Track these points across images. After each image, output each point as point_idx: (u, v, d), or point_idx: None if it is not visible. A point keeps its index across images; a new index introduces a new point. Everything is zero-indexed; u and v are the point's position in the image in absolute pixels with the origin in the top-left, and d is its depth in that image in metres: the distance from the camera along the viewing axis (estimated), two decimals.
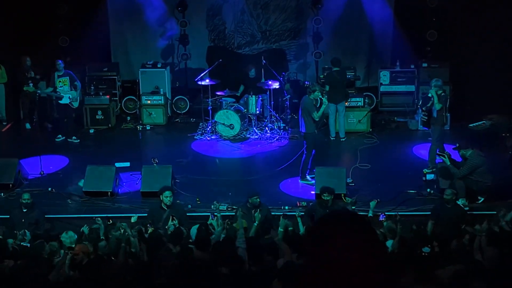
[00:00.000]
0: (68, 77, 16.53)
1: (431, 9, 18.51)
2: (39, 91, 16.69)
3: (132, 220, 11.34)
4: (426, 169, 14.04)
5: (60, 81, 16.45)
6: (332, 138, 16.63)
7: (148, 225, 11.04)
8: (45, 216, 12.16)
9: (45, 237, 10.97)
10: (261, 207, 11.87)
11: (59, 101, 16.63)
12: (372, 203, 11.73)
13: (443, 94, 13.95)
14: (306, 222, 11.59)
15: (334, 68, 16.69)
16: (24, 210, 11.99)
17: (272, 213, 12.09)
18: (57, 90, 16.44)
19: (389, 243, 10.14)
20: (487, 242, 9.64)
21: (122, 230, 10.20)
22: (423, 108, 14.38)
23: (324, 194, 11.89)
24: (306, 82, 17.69)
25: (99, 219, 11.15)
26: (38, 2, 18.42)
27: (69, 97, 16.46)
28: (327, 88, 16.47)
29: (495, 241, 9.60)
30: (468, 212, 12.00)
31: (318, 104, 13.80)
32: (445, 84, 17.49)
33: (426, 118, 14.18)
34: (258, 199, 11.88)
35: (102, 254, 9.58)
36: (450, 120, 16.60)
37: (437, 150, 13.64)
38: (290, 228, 10.88)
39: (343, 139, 16.56)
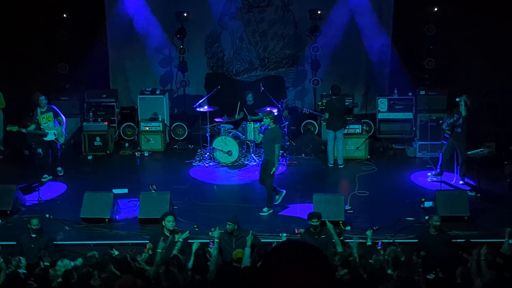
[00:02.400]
0: (51, 113, 15.60)
1: (429, 37, 18.61)
2: (23, 130, 15.32)
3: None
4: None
5: (43, 117, 15.46)
6: (330, 165, 16.63)
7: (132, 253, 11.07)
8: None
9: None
10: (243, 233, 11.75)
11: (44, 138, 15.45)
12: (369, 232, 11.69)
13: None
14: None
15: (334, 96, 16.73)
16: (33, 236, 11.94)
17: (267, 240, 12.00)
18: (41, 127, 15.39)
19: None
20: (486, 265, 9.63)
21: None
22: (446, 126, 14.84)
23: (313, 220, 11.83)
24: (305, 109, 17.73)
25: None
26: (37, 29, 18.51)
27: (54, 133, 15.53)
28: (327, 115, 16.50)
29: (494, 265, 9.60)
30: (469, 240, 11.95)
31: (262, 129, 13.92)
32: (443, 112, 17.64)
33: (449, 133, 14.60)
34: (231, 225, 11.76)
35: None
36: None
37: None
38: None
39: (341, 166, 16.57)
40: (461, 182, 14.95)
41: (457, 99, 14.94)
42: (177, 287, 9.37)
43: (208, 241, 11.88)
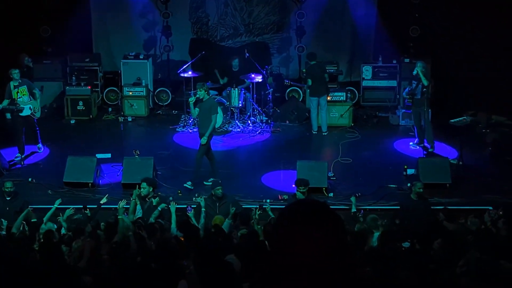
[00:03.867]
0: (25, 86, 14.70)
1: (414, 4, 18.56)
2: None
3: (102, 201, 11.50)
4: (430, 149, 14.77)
5: (17, 92, 14.54)
6: (314, 132, 16.64)
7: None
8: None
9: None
10: (226, 199, 11.84)
11: (20, 114, 14.61)
12: (353, 198, 11.76)
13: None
14: None
15: (312, 62, 16.67)
16: (8, 199, 11.95)
17: (250, 206, 12.05)
18: (16, 102, 14.51)
19: (375, 237, 10.19)
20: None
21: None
22: (406, 94, 14.90)
23: (301, 187, 11.91)
24: (286, 81, 17.75)
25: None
26: None
27: (29, 107, 14.66)
28: (310, 82, 16.44)
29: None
30: (447, 207, 12.04)
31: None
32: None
33: (411, 101, 14.62)
34: (220, 190, 11.84)
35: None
36: (431, 115, 16.69)
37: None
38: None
39: (325, 133, 16.57)
40: (430, 150, 14.98)
41: (414, 73, 14.98)
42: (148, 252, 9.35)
43: (185, 206, 11.92)
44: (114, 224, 10.62)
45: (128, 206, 11.46)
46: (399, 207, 12.04)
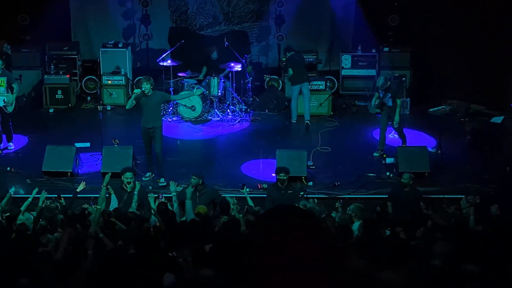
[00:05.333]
0: (5, 78, 14.40)
1: None
2: None
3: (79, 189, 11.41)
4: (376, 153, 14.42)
5: None
6: (293, 121, 16.64)
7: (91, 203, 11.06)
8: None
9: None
10: (206, 188, 11.85)
11: None
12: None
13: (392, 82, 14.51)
14: (268, 205, 11.64)
15: (290, 53, 16.67)
16: None
17: (230, 195, 12.07)
18: None
19: (355, 226, 10.21)
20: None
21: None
22: (374, 105, 14.85)
23: (281, 174, 11.96)
24: (265, 76, 17.79)
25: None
26: None
27: (3, 99, 14.28)
28: (290, 71, 16.41)
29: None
30: (425, 196, 12.12)
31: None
32: (406, 69, 17.77)
33: (379, 111, 14.62)
34: (195, 180, 11.81)
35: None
36: (410, 104, 16.81)
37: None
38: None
39: (307, 121, 16.40)
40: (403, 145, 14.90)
41: (378, 84, 14.53)
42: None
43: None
44: (79, 216, 10.45)
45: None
46: (387, 196, 12.09)
